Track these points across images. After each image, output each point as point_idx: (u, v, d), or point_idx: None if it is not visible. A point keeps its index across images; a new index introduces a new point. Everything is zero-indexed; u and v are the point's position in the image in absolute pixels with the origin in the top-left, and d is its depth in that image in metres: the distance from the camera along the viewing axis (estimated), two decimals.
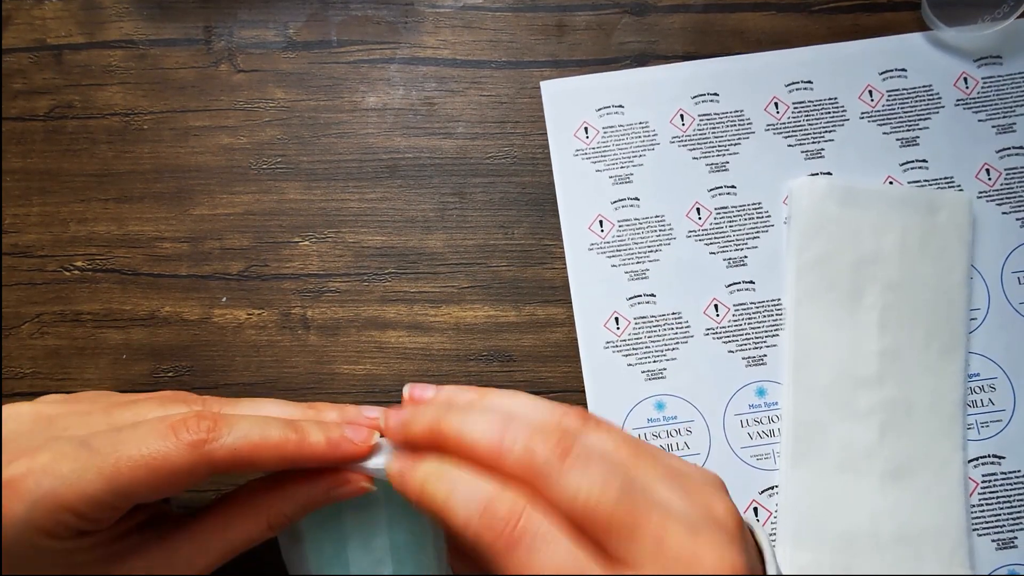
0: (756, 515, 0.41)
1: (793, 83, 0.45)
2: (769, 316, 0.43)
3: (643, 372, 0.42)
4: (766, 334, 0.43)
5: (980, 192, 0.44)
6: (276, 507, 0.30)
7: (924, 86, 0.45)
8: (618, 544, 0.25)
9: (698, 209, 0.44)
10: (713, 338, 0.43)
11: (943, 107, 0.45)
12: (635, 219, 0.44)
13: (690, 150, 0.45)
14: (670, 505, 0.26)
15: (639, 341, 0.42)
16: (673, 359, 0.42)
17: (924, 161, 0.44)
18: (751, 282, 0.43)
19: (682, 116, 0.45)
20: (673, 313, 0.43)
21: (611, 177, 0.44)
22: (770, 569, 0.27)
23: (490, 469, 0.27)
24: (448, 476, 0.27)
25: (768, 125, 0.45)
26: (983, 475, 0.41)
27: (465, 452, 0.27)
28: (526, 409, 0.29)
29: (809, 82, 0.45)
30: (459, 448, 0.27)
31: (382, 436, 0.31)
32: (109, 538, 0.29)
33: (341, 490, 0.30)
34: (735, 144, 0.45)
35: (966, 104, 0.45)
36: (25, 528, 0.27)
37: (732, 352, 0.42)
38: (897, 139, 0.44)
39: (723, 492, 0.28)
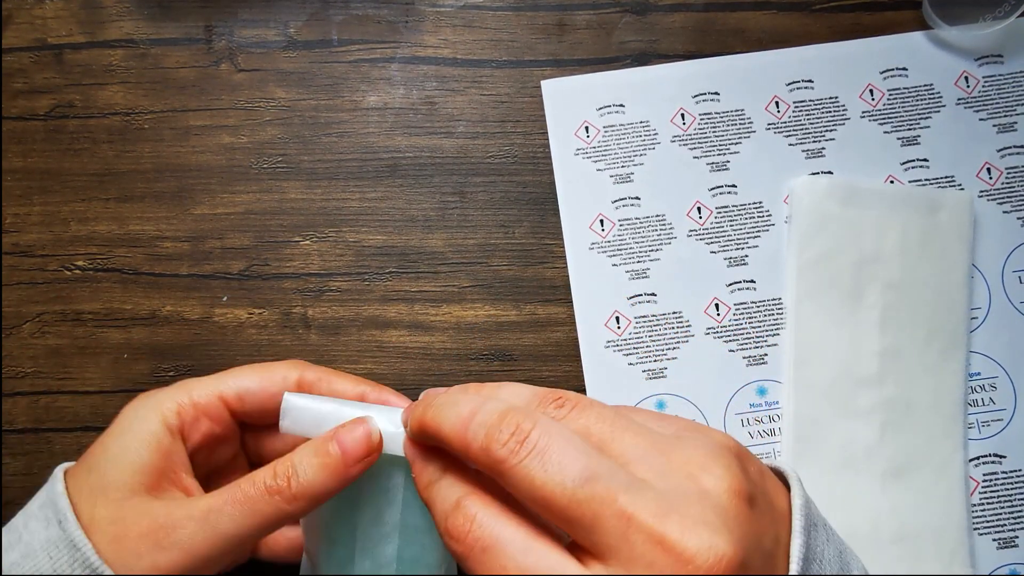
0: None
1: (794, 82, 0.45)
2: (770, 315, 0.43)
3: (644, 371, 0.42)
4: (767, 333, 0.43)
5: (981, 191, 0.44)
6: None
7: (925, 85, 0.45)
8: (583, 535, 0.23)
9: (699, 208, 0.44)
10: (714, 337, 0.43)
11: (944, 106, 0.45)
12: (636, 218, 0.44)
13: (691, 149, 0.45)
14: (643, 485, 0.23)
15: (640, 340, 0.42)
16: (674, 358, 0.42)
17: (925, 160, 0.44)
18: (752, 281, 0.43)
19: (683, 115, 0.45)
20: (674, 312, 0.43)
21: (612, 176, 0.44)
22: (795, 539, 0.24)
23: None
24: (435, 480, 0.28)
25: (769, 124, 0.45)
26: (984, 474, 0.41)
27: (443, 444, 0.27)
28: (507, 395, 0.28)
29: (810, 81, 0.45)
30: (438, 440, 0.27)
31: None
32: (187, 467, 0.33)
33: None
34: (736, 143, 0.45)
35: (967, 103, 0.45)
36: (152, 409, 0.33)
37: (733, 351, 0.42)
38: (898, 138, 0.44)
39: (723, 456, 0.25)
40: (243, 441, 0.37)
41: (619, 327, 0.43)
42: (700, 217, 0.44)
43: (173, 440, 0.32)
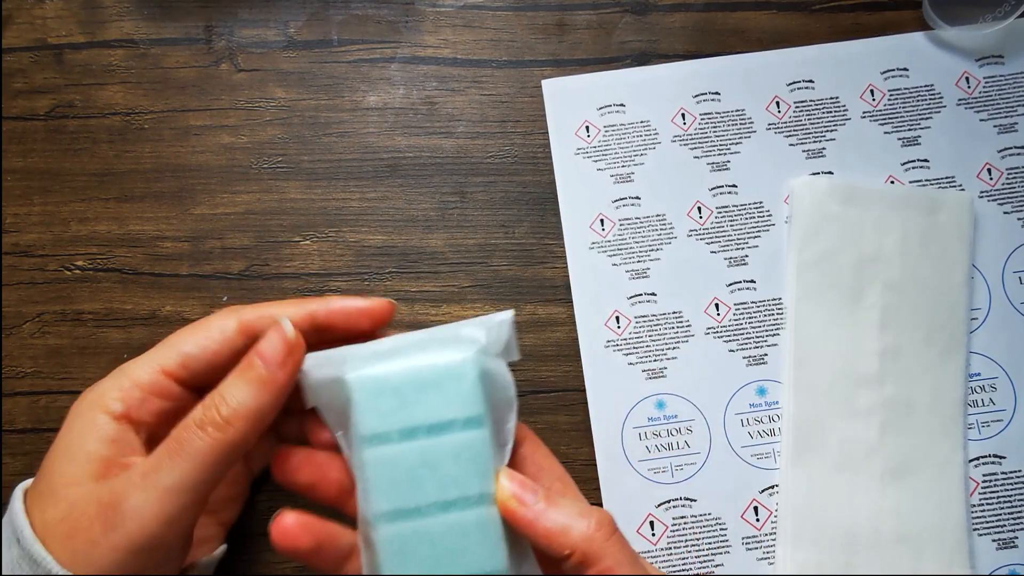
0: (756, 515, 0.41)
1: (794, 82, 0.45)
2: (770, 315, 0.43)
3: (644, 371, 0.42)
4: (767, 333, 0.43)
5: (981, 192, 0.44)
6: None
7: (926, 85, 0.45)
8: None
9: (699, 208, 0.44)
10: (714, 337, 0.43)
11: (944, 107, 0.45)
12: (636, 218, 0.44)
13: (691, 149, 0.45)
14: None
15: (640, 340, 0.42)
16: (674, 358, 0.42)
17: (925, 161, 0.44)
18: (752, 281, 0.43)
19: (683, 115, 0.45)
20: (674, 312, 0.43)
21: (612, 176, 0.44)
22: None
23: None
24: None
25: (769, 124, 0.45)
26: (984, 475, 0.41)
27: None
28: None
29: (811, 81, 0.45)
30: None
31: None
32: (139, 450, 0.31)
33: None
34: (736, 143, 0.44)
35: (968, 104, 0.45)
36: (91, 404, 0.31)
37: (733, 351, 0.42)
38: (898, 138, 0.44)
39: None
40: None
41: (619, 327, 0.43)
42: (700, 217, 0.44)
43: (119, 426, 0.30)
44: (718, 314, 0.43)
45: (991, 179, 0.44)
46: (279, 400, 0.30)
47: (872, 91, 0.45)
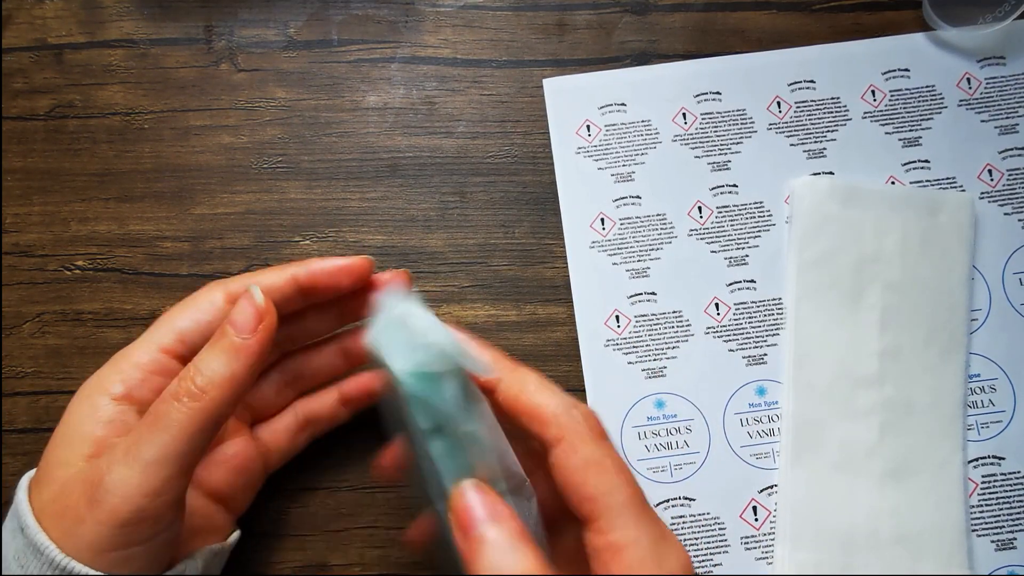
0: (755, 514, 0.41)
1: (795, 82, 0.45)
2: (770, 315, 0.43)
3: (643, 370, 0.42)
4: (767, 333, 0.43)
5: (982, 193, 0.44)
6: None
7: (927, 86, 0.45)
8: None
9: (700, 208, 0.44)
10: (714, 337, 0.43)
11: (946, 107, 0.45)
12: (636, 217, 0.44)
13: (692, 149, 0.44)
14: None
15: (639, 339, 0.42)
16: (673, 357, 0.42)
17: (926, 161, 0.44)
18: (752, 281, 0.43)
19: (684, 115, 0.45)
20: (674, 311, 0.43)
21: (613, 175, 0.44)
22: None
23: None
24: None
25: (770, 124, 0.45)
26: (983, 476, 0.41)
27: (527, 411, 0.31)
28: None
29: (812, 81, 0.45)
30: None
31: None
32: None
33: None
34: (737, 143, 0.44)
35: (969, 104, 0.45)
36: (92, 388, 0.32)
37: (732, 351, 0.42)
38: (899, 139, 0.44)
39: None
40: None
41: (619, 326, 0.43)
42: (701, 216, 0.44)
43: (119, 407, 0.31)
44: (718, 314, 0.43)
45: (992, 180, 0.44)
46: (253, 366, 0.30)
47: (873, 91, 0.45)
